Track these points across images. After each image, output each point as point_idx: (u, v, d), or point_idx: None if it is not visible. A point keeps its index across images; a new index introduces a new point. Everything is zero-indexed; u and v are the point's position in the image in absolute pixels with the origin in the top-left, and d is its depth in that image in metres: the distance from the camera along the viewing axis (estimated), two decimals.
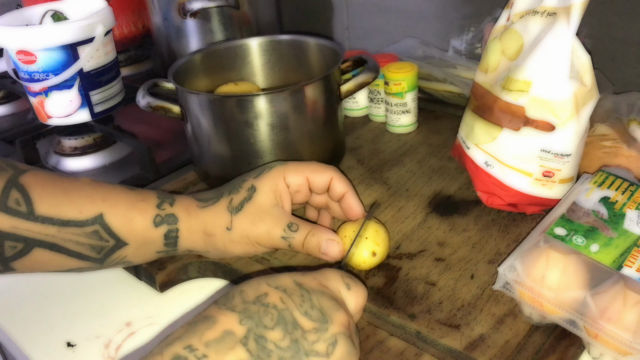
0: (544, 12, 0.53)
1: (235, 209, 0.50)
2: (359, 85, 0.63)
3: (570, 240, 0.43)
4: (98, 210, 0.47)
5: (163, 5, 0.87)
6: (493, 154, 0.57)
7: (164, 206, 0.50)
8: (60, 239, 0.46)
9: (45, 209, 0.45)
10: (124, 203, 0.48)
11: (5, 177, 0.45)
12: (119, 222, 0.47)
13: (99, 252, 0.48)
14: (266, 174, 0.51)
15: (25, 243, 0.45)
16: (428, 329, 0.45)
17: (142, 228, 0.48)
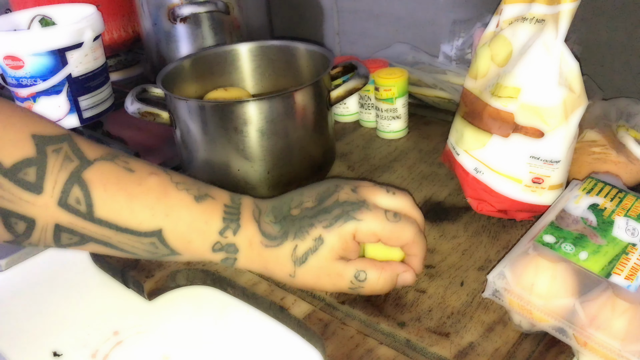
0: (532, 19, 0.53)
1: (299, 260, 0.47)
2: (349, 91, 0.63)
3: (559, 247, 0.43)
4: (157, 226, 0.46)
5: (153, 10, 0.87)
6: (483, 160, 0.56)
7: (227, 234, 0.48)
8: (116, 240, 0.46)
9: (105, 212, 0.44)
10: (185, 222, 0.47)
11: (69, 170, 0.43)
12: (176, 239, 0.47)
13: (153, 254, 0.48)
14: (338, 228, 0.46)
15: (81, 238, 0.45)
16: (418, 337, 0.45)
17: (200, 249, 0.48)
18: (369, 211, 0.47)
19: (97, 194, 0.44)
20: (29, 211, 0.43)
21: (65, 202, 0.43)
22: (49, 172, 0.42)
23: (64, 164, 0.43)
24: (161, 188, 0.46)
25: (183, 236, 0.47)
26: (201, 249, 0.48)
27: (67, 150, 0.44)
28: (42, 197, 0.42)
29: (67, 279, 0.59)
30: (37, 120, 0.45)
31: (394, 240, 0.47)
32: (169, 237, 0.46)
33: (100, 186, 0.44)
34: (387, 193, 0.49)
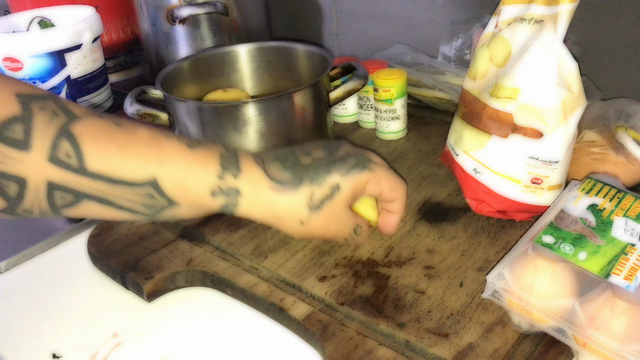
0: (531, 20, 0.53)
1: (315, 206, 0.48)
2: (348, 92, 0.63)
3: (558, 248, 0.43)
4: (152, 174, 0.44)
5: (151, 12, 0.87)
6: (482, 160, 0.57)
7: (226, 177, 0.46)
8: (112, 195, 0.44)
9: (96, 165, 0.42)
10: (180, 167, 0.45)
11: (56, 125, 0.42)
12: (173, 187, 0.45)
13: (150, 209, 0.46)
14: (354, 176, 0.49)
15: (76, 195, 0.43)
16: (417, 338, 0.45)
17: (198, 196, 0.46)
18: (378, 166, 0.51)
19: (88, 147, 0.42)
20: (19, 170, 0.41)
21: (55, 157, 0.41)
22: (36, 128, 0.41)
23: (51, 119, 0.42)
24: (152, 138, 0.45)
25: (179, 183, 0.45)
26: (200, 195, 0.46)
27: (53, 107, 0.43)
28: (31, 154, 0.41)
29: (66, 281, 0.59)
30: (19, 82, 0.44)
31: (392, 194, 0.51)
32: (165, 185, 0.44)
33: (90, 139, 0.42)
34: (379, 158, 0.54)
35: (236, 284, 0.53)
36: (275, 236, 0.58)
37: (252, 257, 0.56)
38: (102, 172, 0.43)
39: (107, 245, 0.59)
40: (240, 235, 0.59)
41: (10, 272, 0.61)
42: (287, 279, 0.53)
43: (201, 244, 0.59)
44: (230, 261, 0.56)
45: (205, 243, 0.59)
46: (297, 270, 0.53)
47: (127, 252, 0.58)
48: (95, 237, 0.61)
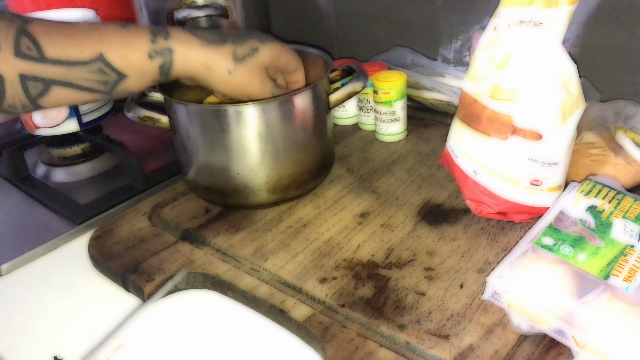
0: (530, 22, 0.53)
1: (239, 59, 0.56)
2: (348, 94, 0.63)
3: (557, 249, 0.43)
4: (98, 50, 0.52)
5: (152, 15, 0.87)
6: (481, 162, 0.57)
7: (158, 40, 0.54)
8: (72, 77, 0.51)
9: (53, 52, 0.50)
10: (119, 41, 0.53)
11: (14, 26, 0.49)
12: (117, 58, 0.52)
13: (105, 85, 0.53)
14: (269, 44, 0.59)
15: (44, 83, 0.51)
16: (417, 339, 0.45)
17: (139, 61, 0.53)
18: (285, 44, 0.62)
19: (43, 39, 0.50)
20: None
21: (20, 51, 0.49)
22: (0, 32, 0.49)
23: (9, 24, 0.50)
24: (92, 26, 0.54)
25: (121, 53, 0.52)
26: (140, 59, 0.53)
27: (9, 16, 0.51)
28: (1, 53, 0.48)
29: (67, 283, 0.59)
30: None
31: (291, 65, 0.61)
32: (110, 57, 0.52)
33: (43, 33, 0.50)
34: None
35: (237, 286, 0.53)
36: (276, 238, 0.59)
37: (252, 259, 0.56)
38: (59, 57, 0.50)
39: (108, 248, 0.60)
40: (241, 237, 0.59)
41: (12, 274, 0.61)
42: (287, 281, 0.53)
43: (202, 246, 0.59)
44: (230, 263, 0.56)
45: (206, 245, 0.59)
46: (298, 272, 0.54)
47: (128, 254, 0.58)
48: (96, 239, 0.61)
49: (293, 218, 0.62)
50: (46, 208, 0.71)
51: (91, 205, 0.70)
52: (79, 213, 0.68)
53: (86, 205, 0.70)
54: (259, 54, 0.58)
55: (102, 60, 0.52)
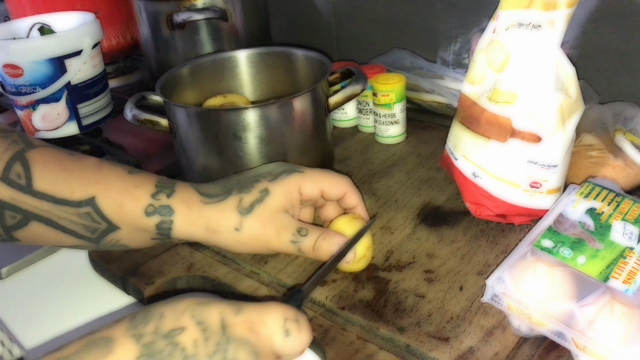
0: (529, 25, 0.54)
1: (245, 210, 0.49)
2: (348, 97, 0.64)
3: (557, 252, 0.43)
4: (91, 193, 0.47)
5: (151, 18, 0.87)
6: (481, 165, 0.57)
7: (160, 196, 0.49)
8: (55, 215, 0.47)
9: (42, 185, 0.46)
10: (117, 188, 0.48)
11: (14, 150, 0.47)
12: (110, 206, 0.48)
13: (93, 232, 0.48)
14: (282, 180, 0.51)
15: (23, 215, 0.47)
16: (417, 342, 0.45)
17: (134, 215, 0.48)
18: (309, 169, 0.52)
19: (37, 169, 0.47)
20: None
21: (7, 177, 0.46)
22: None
23: (10, 146, 0.47)
24: (97, 164, 0.50)
25: (115, 202, 0.48)
26: (134, 213, 0.48)
27: (15, 137, 0.48)
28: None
29: (67, 286, 0.59)
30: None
31: (334, 189, 0.52)
32: (102, 204, 0.47)
33: (41, 163, 0.47)
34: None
35: (237, 288, 0.53)
36: None
37: (252, 262, 0.56)
38: (47, 192, 0.47)
39: (108, 251, 0.60)
40: None
41: (12, 277, 0.61)
42: (287, 284, 0.53)
43: (202, 249, 0.59)
44: (230, 266, 0.56)
45: (206, 248, 0.59)
46: (298, 274, 0.54)
47: (127, 257, 0.58)
48: None
49: None
50: None
51: None
52: None
53: None
54: (269, 196, 0.50)
55: (93, 205, 0.47)
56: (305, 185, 0.51)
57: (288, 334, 0.34)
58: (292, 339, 0.35)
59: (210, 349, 0.31)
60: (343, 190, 0.53)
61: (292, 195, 0.50)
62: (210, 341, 0.32)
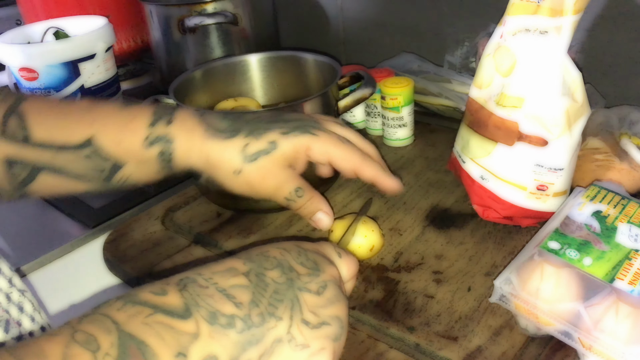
0: (536, 31, 0.55)
1: (249, 157, 0.47)
2: (357, 100, 0.65)
3: (563, 253, 0.44)
4: (88, 134, 0.46)
5: (162, 22, 0.88)
6: (488, 168, 0.58)
7: (158, 125, 0.47)
8: (60, 162, 0.47)
9: (40, 134, 0.46)
10: (113, 124, 0.47)
11: (6, 105, 0.47)
12: (109, 143, 0.47)
13: (101, 173, 0.48)
14: (293, 137, 0.48)
15: (30, 168, 0.47)
16: (427, 341, 0.46)
17: (134, 148, 0.47)
18: (325, 132, 0.49)
19: (32, 119, 0.46)
20: None
21: (6, 132, 0.46)
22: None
23: (1, 102, 0.47)
24: (88, 105, 0.48)
25: (113, 137, 0.47)
26: (134, 146, 0.47)
27: (5, 92, 0.48)
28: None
29: (83, 285, 0.60)
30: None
31: (343, 160, 0.49)
32: (102, 142, 0.46)
33: (35, 113, 0.47)
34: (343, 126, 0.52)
35: None
36: None
37: None
38: (46, 140, 0.46)
39: (123, 251, 0.61)
40: (253, 241, 0.61)
41: (28, 277, 0.62)
42: None
43: (214, 249, 0.60)
44: None
45: (218, 248, 0.60)
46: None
47: (142, 257, 0.60)
48: (111, 242, 0.63)
49: (303, 222, 0.63)
50: (60, 212, 0.72)
51: (104, 209, 0.71)
52: (92, 217, 0.69)
53: (99, 209, 0.71)
54: (277, 150, 0.47)
55: (93, 146, 0.46)
56: (314, 149, 0.48)
57: (340, 255, 0.40)
58: (344, 259, 0.40)
59: (294, 254, 0.38)
60: (352, 166, 0.49)
61: (299, 155, 0.49)
62: (291, 251, 0.38)
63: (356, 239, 0.54)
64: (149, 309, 0.30)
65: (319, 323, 0.34)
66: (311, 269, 0.37)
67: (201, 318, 0.31)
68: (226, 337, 0.31)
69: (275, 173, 0.48)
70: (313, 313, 0.35)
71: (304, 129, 0.49)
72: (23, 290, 0.40)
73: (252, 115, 0.50)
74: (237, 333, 0.32)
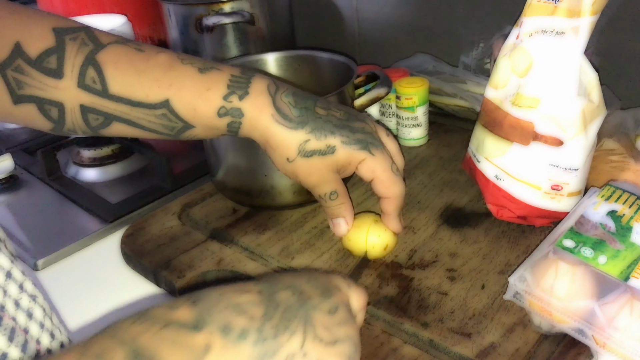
0: (552, 31, 0.55)
1: (305, 152, 0.50)
2: (373, 99, 0.65)
3: (578, 252, 0.45)
4: (164, 96, 0.49)
5: (180, 21, 0.90)
6: (503, 167, 0.58)
7: (231, 98, 0.49)
8: (134, 116, 0.49)
9: (117, 88, 0.48)
10: (189, 90, 0.49)
11: (84, 53, 0.48)
12: (184, 108, 0.49)
13: (171, 130, 0.51)
14: (351, 149, 0.51)
15: (105, 117, 0.49)
16: (440, 337, 0.47)
17: (207, 116, 0.50)
18: (382, 153, 0.52)
19: (110, 72, 0.48)
20: (56, 96, 0.47)
21: (84, 83, 0.47)
22: (67, 57, 0.47)
23: (80, 49, 0.47)
24: (168, 63, 0.49)
25: (189, 104, 0.49)
26: (207, 114, 0.49)
27: (83, 37, 0.48)
28: (64, 81, 0.47)
29: (100, 279, 0.61)
30: (57, 17, 0.50)
31: (382, 188, 0.53)
32: (177, 106, 0.49)
33: (112, 65, 0.48)
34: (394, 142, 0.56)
35: None
36: (302, 238, 0.61)
37: (279, 258, 0.58)
38: (123, 95, 0.48)
39: (140, 245, 0.62)
40: (268, 237, 0.61)
41: (47, 269, 0.64)
42: None
43: (230, 245, 0.61)
44: (258, 261, 0.58)
45: (234, 244, 0.61)
46: (323, 271, 0.55)
47: (159, 251, 0.60)
48: (128, 237, 0.64)
49: (318, 219, 0.64)
50: (79, 207, 0.73)
51: (122, 204, 0.72)
52: (110, 212, 0.71)
53: (117, 204, 0.72)
54: (332, 155, 0.50)
55: (168, 107, 0.49)
56: (364, 166, 0.52)
57: (350, 286, 0.39)
58: (354, 290, 0.38)
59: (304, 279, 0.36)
60: (388, 195, 0.53)
61: (350, 166, 0.52)
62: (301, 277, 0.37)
63: (370, 238, 0.54)
64: (160, 323, 0.30)
65: (333, 340, 0.33)
66: (322, 292, 0.36)
67: (214, 330, 0.30)
68: (239, 350, 0.30)
69: (322, 173, 0.51)
70: (326, 330, 0.34)
71: (364, 145, 0.51)
72: (34, 295, 0.40)
73: (324, 112, 0.52)
74: (251, 345, 0.31)
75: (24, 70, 0.46)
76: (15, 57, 0.46)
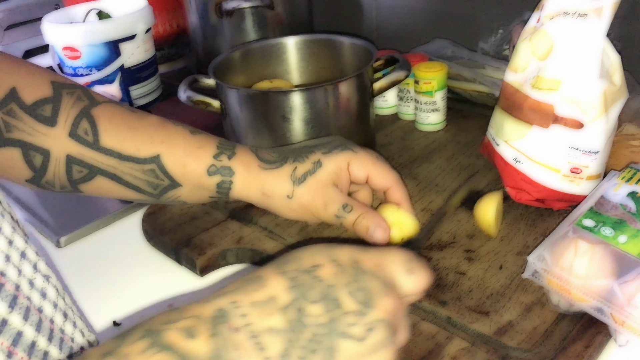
0: (574, 13, 0.55)
1: (298, 179, 0.52)
2: (392, 82, 0.66)
3: (598, 231, 0.45)
4: (156, 151, 0.50)
5: (200, 5, 0.90)
6: (522, 150, 0.58)
7: (221, 157, 0.52)
8: (120, 171, 0.50)
9: (109, 141, 0.49)
10: (181, 147, 0.51)
11: (80, 107, 0.49)
12: (174, 165, 0.51)
13: (155, 188, 0.52)
14: (335, 155, 0.53)
15: (90, 170, 0.50)
16: (458, 314, 0.47)
17: (196, 174, 0.51)
18: (363, 149, 0.54)
19: (103, 126, 0.49)
20: (44, 143, 0.48)
21: (75, 133, 0.49)
22: (63, 108, 0.49)
23: (76, 102, 0.49)
24: (160, 123, 0.52)
25: (179, 160, 0.51)
26: (197, 172, 0.51)
27: (79, 93, 0.50)
28: (56, 129, 0.48)
29: (121, 256, 0.62)
30: (55, 73, 0.52)
31: (380, 178, 0.54)
32: (167, 162, 0.50)
33: (106, 120, 0.50)
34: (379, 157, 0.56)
35: None
36: None
37: (298, 238, 0.58)
38: (113, 148, 0.50)
39: (161, 224, 0.63)
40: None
41: (70, 247, 0.65)
42: None
43: (249, 225, 0.62)
44: (277, 240, 0.59)
45: (253, 224, 0.62)
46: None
47: (180, 230, 0.61)
48: (150, 215, 0.65)
49: None
50: None
51: None
52: None
53: None
54: (321, 169, 0.52)
55: (157, 163, 0.50)
56: (354, 165, 0.53)
57: (410, 272, 0.35)
58: (414, 277, 0.35)
59: (346, 279, 0.33)
60: (388, 183, 0.54)
61: (342, 172, 0.53)
62: (345, 273, 0.33)
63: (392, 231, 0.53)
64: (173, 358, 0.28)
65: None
66: (361, 303, 0.32)
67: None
68: None
69: (322, 192, 0.52)
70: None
71: (344, 147, 0.54)
72: (47, 275, 0.40)
73: (297, 144, 0.56)
74: None
75: (16, 114, 0.47)
76: (9, 101, 0.47)
